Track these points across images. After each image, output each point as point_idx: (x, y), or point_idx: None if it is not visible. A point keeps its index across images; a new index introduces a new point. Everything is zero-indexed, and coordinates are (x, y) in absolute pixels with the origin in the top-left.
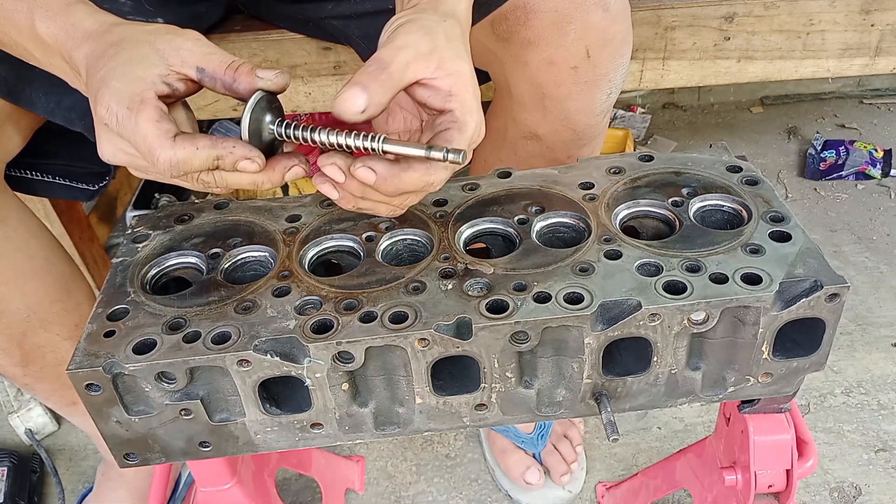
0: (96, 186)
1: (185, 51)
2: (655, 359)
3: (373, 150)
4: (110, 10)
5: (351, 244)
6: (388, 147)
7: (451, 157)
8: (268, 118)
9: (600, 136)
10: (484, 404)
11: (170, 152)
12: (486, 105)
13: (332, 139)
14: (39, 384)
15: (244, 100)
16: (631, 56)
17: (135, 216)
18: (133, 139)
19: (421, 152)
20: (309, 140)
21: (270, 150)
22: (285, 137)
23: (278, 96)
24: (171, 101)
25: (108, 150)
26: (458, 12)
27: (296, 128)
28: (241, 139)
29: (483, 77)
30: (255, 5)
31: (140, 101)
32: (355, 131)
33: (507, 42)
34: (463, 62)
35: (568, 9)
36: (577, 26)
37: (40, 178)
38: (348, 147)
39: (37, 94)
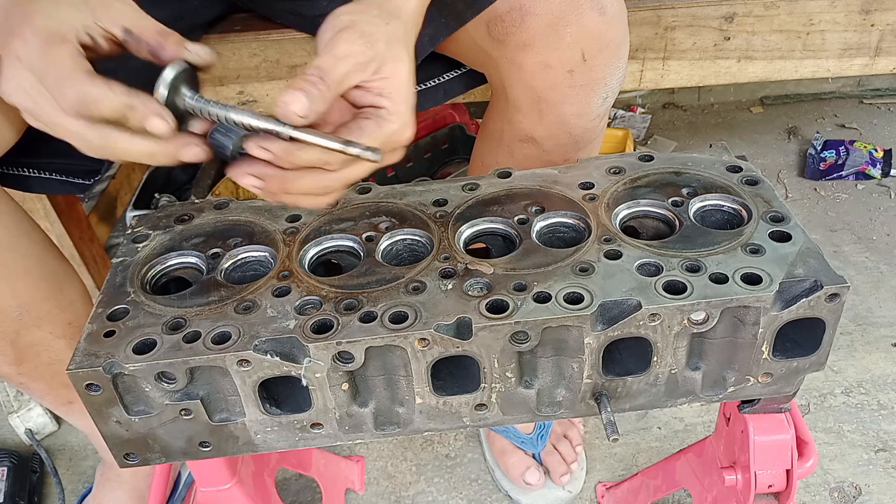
0: (91, 181)
1: (115, 10)
2: (655, 359)
3: (290, 137)
4: None
5: (351, 244)
6: (304, 136)
7: (368, 154)
8: (184, 89)
9: (597, 140)
10: (484, 404)
11: (82, 86)
12: (483, 106)
13: (248, 121)
14: (34, 383)
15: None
16: (631, 56)
17: (135, 216)
18: (44, 71)
19: (337, 145)
20: (224, 119)
21: (180, 124)
22: (200, 112)
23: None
24: (91, 55)
25: (12, 86)
26: (404, 12)
27: (213, 103)
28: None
29: (479, 79)
30: (252, 0)
31: (61, 39)
32: (274, 116)
33: (503, 44)
34: (401, 65)
35: (564, 12)
36: (573, 29)
37: (35, 174)
38: (264, 131)
39: None
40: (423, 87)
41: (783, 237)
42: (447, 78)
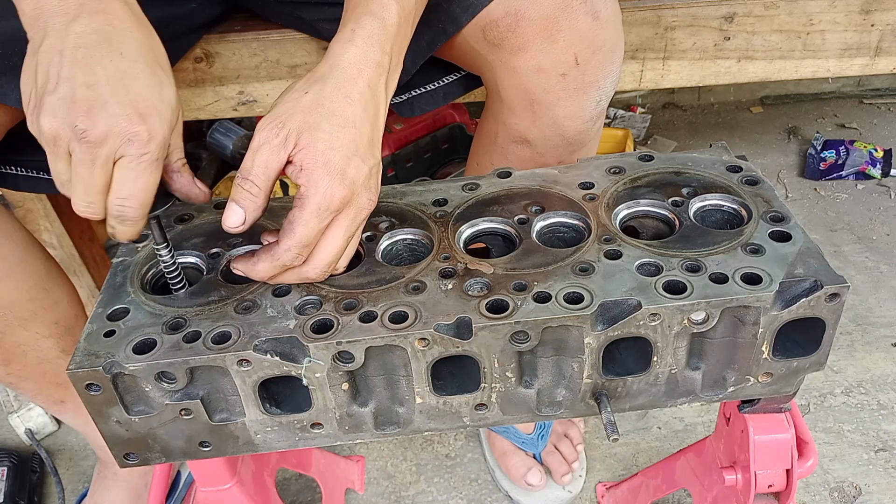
0: None
1: (175, 142)
2: (655, 359)
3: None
4: None
5: None
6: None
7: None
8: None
9: (592, 143)
10: (484, 404)
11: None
12: (479, 106)
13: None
14: (24, 383)
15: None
16: (631, 56)
17: None
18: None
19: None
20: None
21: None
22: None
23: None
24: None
25: (50, 124)
26: (338, 66)
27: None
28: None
29: (478, 81)
30: (252, 2)
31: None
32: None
33: (498, 48)
34: (316, 132)
35: (557, 17)
36: (567, 34)
37: (23, 173)
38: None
39: (9, 85)
40: (423, 90)
41: (783, 237)
42: (447, 81)
